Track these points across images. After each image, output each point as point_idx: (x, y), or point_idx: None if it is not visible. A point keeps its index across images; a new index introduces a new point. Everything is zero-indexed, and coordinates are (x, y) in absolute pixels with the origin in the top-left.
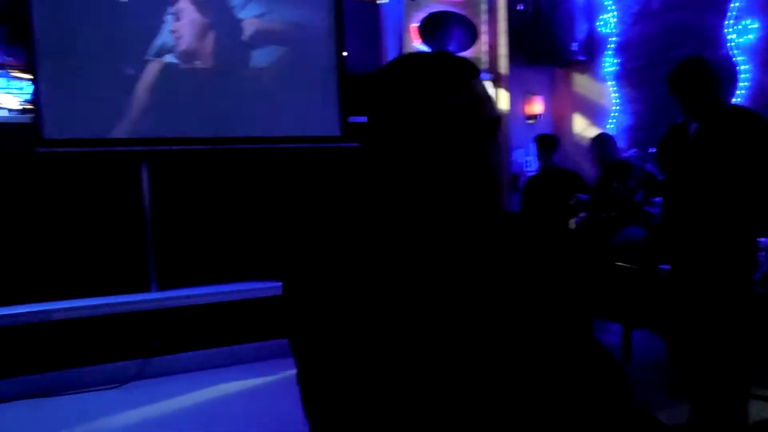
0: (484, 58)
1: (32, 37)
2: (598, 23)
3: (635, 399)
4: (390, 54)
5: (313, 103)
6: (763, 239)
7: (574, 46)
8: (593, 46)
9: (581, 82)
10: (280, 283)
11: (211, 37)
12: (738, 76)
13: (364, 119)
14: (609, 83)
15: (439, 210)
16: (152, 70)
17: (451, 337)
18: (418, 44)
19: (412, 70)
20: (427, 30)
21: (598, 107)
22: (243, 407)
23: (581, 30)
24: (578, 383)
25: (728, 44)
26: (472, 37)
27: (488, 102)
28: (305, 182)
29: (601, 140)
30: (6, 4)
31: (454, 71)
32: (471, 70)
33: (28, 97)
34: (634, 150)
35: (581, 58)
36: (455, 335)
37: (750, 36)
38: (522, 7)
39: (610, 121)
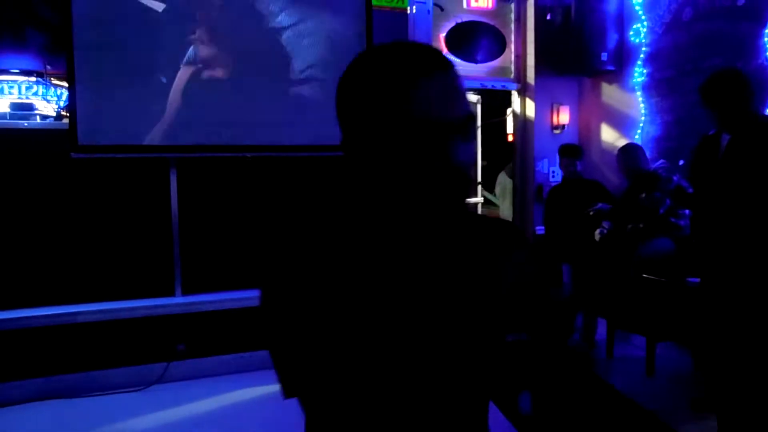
0: (512, 68)
1: (72, 46)
2: (629, 33)
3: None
4: None
5: None
6: None
7: (604, 56)
8: (623, 56)
9: (609, 93)
10: None
11: (243, 46)
12: None
13: None
14: (637, 93)
15: (397, 203)
16: (184, 78)
17: (388, 302)
18: (446, 54)
19: (376, 63)
20: (455, 40)
21: (626, 117)
22: (265, 413)
23: (612, 39)
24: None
25: (765, 54)
26: (500, 46)
27: (458, 98)
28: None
29: (629, 150)
30: (48, 14)
31: (420, 63)
32: (439, 61)
33: (64, 104)
34: (662, 161)
35: (610, 67)
36: (392, 301)
37: None
38: (551, 17)
39: (637, 131)
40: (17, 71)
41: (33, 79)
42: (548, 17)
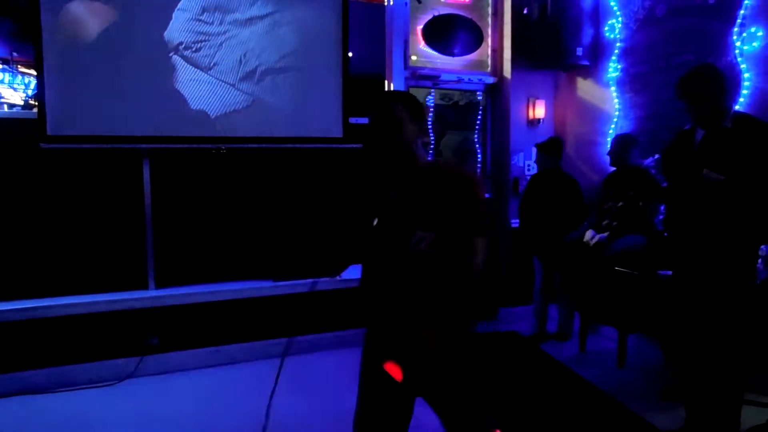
0: (489, 62)
1: (40, 32)
2: (604, 28)
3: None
4: (395, 56)
5: (316, 104)
6: (763, 247)
7: (579, 51)
8: (598, 51)
9: (584, 87)
10: (276, 283)
11: (216, 36)
12: (741, 83)
13: (365, 120)
14: (612, 88)
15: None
16: (157, 67)
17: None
18: (422, 47)
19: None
20: (432, 32)
21: (601, 112)
22: (238, 406)
23: (587, 35)
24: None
25: (734, 51)
26: (477, 40)
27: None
28: (305, 183)
29: (625, 141)
30: (15, 1)
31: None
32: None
33: (32, 92)
34: (653, 157)
35: (585, 62)
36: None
37: (755, 44)
38: (527, 11)
39: (611, 126)
40: None
41: None
42: (525, 11)
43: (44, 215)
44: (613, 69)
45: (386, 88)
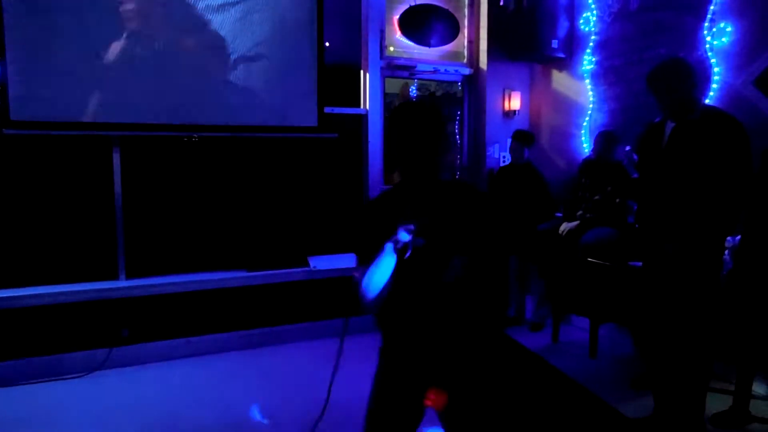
0: (465, 53)
1: (1, 12)
2: (579, 21)
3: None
4: (371, 45)
5: (291, 93)
6: (729, 238)
7: (555, 43)
8: (573, 44)
9: (559, 80)
10: (248, 273)
11: (189, 22)
12: (711, 78)
13: (340, 110)
14: (586, 81)
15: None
16: (126, 53)
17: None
18: (399, 37)
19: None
20: (408, 22)
21: (575, 104)
22: (207, 397)
23: (562, 27)
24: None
25: (705, 46)
26: (453, 31)
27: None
28: (278, 172)
29: (608, 138)
30: None
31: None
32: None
33: None
34: (628, 147)
35: (561, 55)
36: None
37: (724, 39)
38: (503, 3)
39: (585, 118)
40: None
41: None
42: (501, 3)
43: (10, 204)
44: (587, 62)
45: (362, 78)
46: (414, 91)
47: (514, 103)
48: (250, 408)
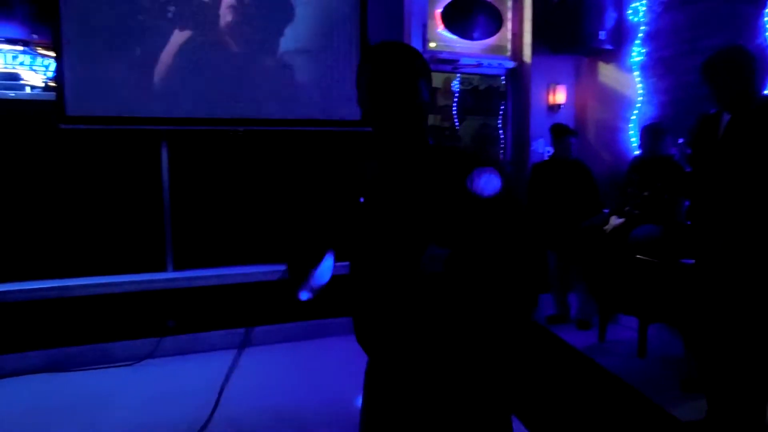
0: (509, 46)
1: (58, 13)
2: (628, 11)
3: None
4: (414, 39)
5: (335, 87)
6: None
7: (602, 35)
8: (621, 35)
9: (606, 72)
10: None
11: (236, 17)
12: None
13: None
14: (635, 73)
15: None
16: (176, 48)
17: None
18: (441, 30)
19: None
20: (451, 16)
21: (623, 98)
22: (253, 389)
23: (610, 18)
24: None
25: (765, 34)
26: (497, 24)
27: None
28: (323, 165)
29: (655, 131)
30: None
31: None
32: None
33: (52, 74)
34: (681, 140)
35: (608, 47)
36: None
37: None
38: None
39: (634, 111)
40: (2, 40)
41: (19, 48)
42: None
43: (64, 196)
44: (636, 53)
45: None
46: (456, 85)
47: (559, 96)
48: (295, 399)
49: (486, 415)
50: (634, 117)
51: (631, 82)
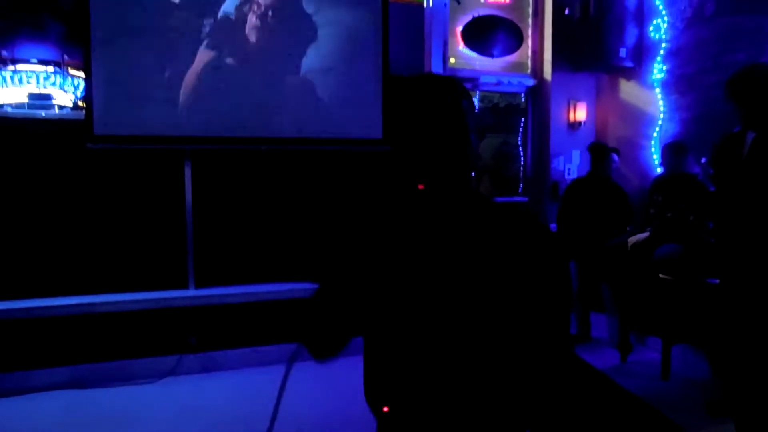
0: (529, 63)
1: (89, 36)
2: (649, 28)
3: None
4: (434, 57)
5: (356, 105)
6: None
7: (623, 52)
8: (642, 52)
9: (628, 89)
10: (314, 285)
11: (259, 38)
12: None
13: None
14: (656, 90)
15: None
16: (199, 69)
17: (423, 283)
18: (461, 48)
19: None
20: (471, 34)
21: (644, 115)
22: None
23: (631, 35)
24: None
25: None
26: (517, 41)
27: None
28: (345, 184)
29: (676, 149)
30: (67, 4)
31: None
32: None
33: (81, 94)
34: (704, 159)
35: (629, 64)
36: (427, 283)
37: None
38: (569, 12)
39: (656, 129)
40: (35, 61)
41: (51, 69)
42: (566, 12)
43: (91, 214)
44: (658, 70)
45: None
46: (476, 103)
47: (580, 114)
48: (313, 416)
49: None
50: (655, 134)
51: (652, 99)
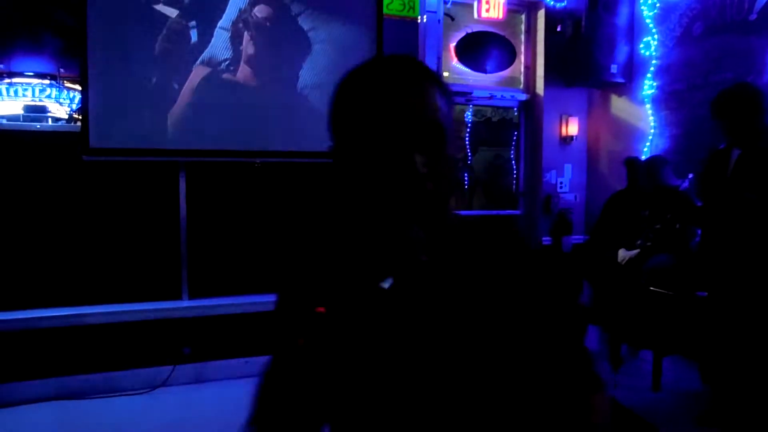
0: (521, 79)
1: (86, 49)
2: (639, 46)
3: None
4: None
5: None
6: None
7: (614, 68)
8: (633, 69)
9: (619, 105)
10: None
11: (254, 52)
12: None
13: None
14: (647, 106)
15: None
16: (195, 83)
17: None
18: (455, 63)
19: (353, 77)
20: (465, 49)
21: (635, 130)
22: None
23: (622, 52)
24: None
25: None
26: (510, 57)
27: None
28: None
29: (653, 163)
30: (64, 18)
31: (380, 77)
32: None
33: (76, 106)
34: (691, 175)
35: (620, 80)
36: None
37: None
38: (561, 29)
39: (646, 144)
40: (31, 74)
41: (47, 81)
42: (558, 29)
43: (85, 225)
44: (648, 86)
45: None
46: (469, 117)
47: (572, 128)
48: None
49: None
50: (646, 149)
51: (643, 114)
